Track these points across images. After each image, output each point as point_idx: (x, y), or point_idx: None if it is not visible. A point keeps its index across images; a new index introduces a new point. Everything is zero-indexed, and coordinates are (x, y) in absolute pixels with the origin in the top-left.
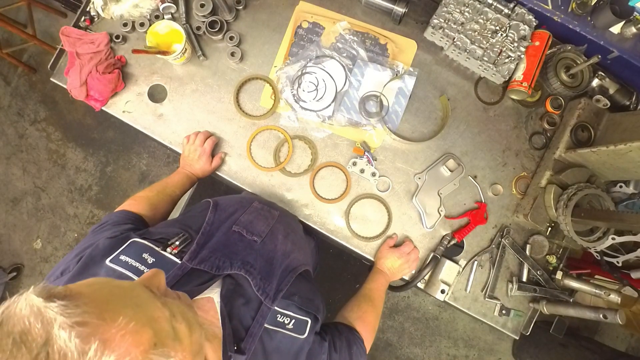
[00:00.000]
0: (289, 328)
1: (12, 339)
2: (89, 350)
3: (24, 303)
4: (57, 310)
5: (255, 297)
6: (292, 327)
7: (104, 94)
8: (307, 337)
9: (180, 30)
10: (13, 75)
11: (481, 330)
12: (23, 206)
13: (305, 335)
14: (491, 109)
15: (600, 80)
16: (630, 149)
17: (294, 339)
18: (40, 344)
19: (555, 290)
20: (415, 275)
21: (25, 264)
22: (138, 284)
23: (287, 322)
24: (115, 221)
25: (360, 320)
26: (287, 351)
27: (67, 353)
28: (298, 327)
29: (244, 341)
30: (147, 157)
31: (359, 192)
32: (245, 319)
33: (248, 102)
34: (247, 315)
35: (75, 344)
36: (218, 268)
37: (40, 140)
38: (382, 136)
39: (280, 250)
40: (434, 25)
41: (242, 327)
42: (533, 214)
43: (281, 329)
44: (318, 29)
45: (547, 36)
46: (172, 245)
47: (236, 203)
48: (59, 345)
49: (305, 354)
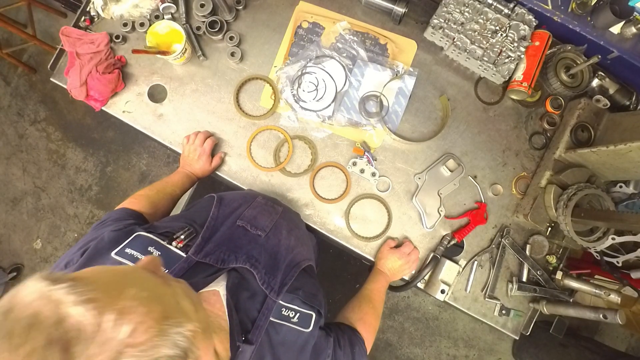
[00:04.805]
0: (294, 322)
1: (23, 324)
2: (104, 322)
3: (29, 289)
4: (65, 291)
5: (260, 291)
6: (297, 320)
7: (104, 94)
8: (312, 330)
9: (180, 30)
10: (13, 75)
11: (481, 330)
12: (23, 206)
13: (310, 329)
14: (491, 109)
15: (600, 80)
16: (630, 149)
17: (300, 333)
18: (51, 323)
19: (555, 290)
20: (415, 276)
21: (25, 264)
22: (138, 267)
23: (292, 316)
24: (117, 218)
25: (361, 321)
26: (293, 344)
27: (83, 327)
28: (303, 320)
29: (250, 333)
30: (147, 157)
31: (359, 192)
32: (251, 312)
33: (248, 102)
34: (252, 308)
35: (90, 317)
36: (223, 261)
37: (40, 140)
38: (382, 136)
39: (284, 245)
40: (434, 25)
41: (248, 320)
42: (533, 214)
43: (286, 322)
44: (318, 29)
45: (547, 36)
46: (178, 239)
47: (240, 198)
48: (74, 321)
49: (311, 347)
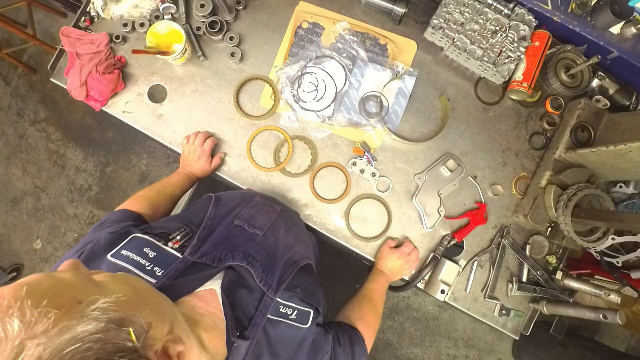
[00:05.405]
0: (292, 318)
1: None
2: None
3: None
4: None
5: (257, 288)
6: (295, 317)
7: (104, 94)
8: (310, 327)
9: (180, 30)
10: (13, 76)
11: (481, 331)
12: (23, 206)
13: (308, 325)
14: (491, 109)
15: (600, 80)
16: (630, 149)
17: (298, 329)
18: None
19: (555, 291)
20: (415, 276)
21: (25, 264)
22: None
23: (290, 313)
24: (116, 219)
25: (361, 320)
26: (291, 340)
27: None
28: (301, 317)
29: (247, 330)
30: (147, 157)
31: (359, 193)
32: (248, 309)
33: (248, 103)
34: (250, 305)
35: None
36: (219, 260)
37: (40, 140)
38: (382, 136)
39: (282, 244)
40: (433, 26)
41: (245, 317)
42: (533, 214)
43: (284, 319)
44: (318, 29)
45: (547, 36)
46: (174, 239)
47: (238, 198)
48: None
49: (309, 343)
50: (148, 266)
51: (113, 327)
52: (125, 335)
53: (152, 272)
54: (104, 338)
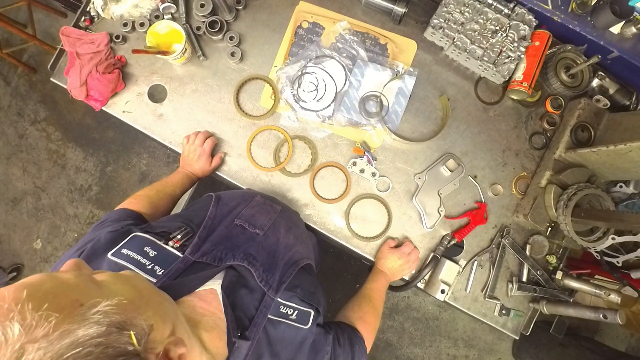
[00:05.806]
0: (292, 319)
1: None
2: None
3: None
4: None
5: (258, 288)
6: (296, 317)
7: (104, 94)
8: (311, 327)
9: (180, 30)
10: (13, 75)
11: (481, 330)
12: (23, 206)
13: (308, 326)
14: (491, 109)
15: (600, 80)
16: (630, 149)
17: (298, 329)
18: None
19: (555, 290)
20: (415, 275)
21: (25, 264)
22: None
23: (291, 313)
24: (115, 218)
25: (361, 320)
26: (291, 341)
27: None
28: (301, 317)
29: (248, 330)
30: (147, 157)
31: (359, 192)
32: (248, 309)
33: (248, 102)
34: (250, 305)
35: None
36: (220, 260)
37: (40, 140)
38: (382, 136)
39: (283, 244)
40: (434, 25)
41: (245, 317)
42: (533, 214)
43: (285, 319)
44: (318, 29)
45: (547, 36)
46: (174, 239)
47: (238, 197)
48: None
49: (310, 344)
50: (149, 265)
51: (114, 330)
52: (126, 338)
53: (153, 271)
54: (105, 342)
